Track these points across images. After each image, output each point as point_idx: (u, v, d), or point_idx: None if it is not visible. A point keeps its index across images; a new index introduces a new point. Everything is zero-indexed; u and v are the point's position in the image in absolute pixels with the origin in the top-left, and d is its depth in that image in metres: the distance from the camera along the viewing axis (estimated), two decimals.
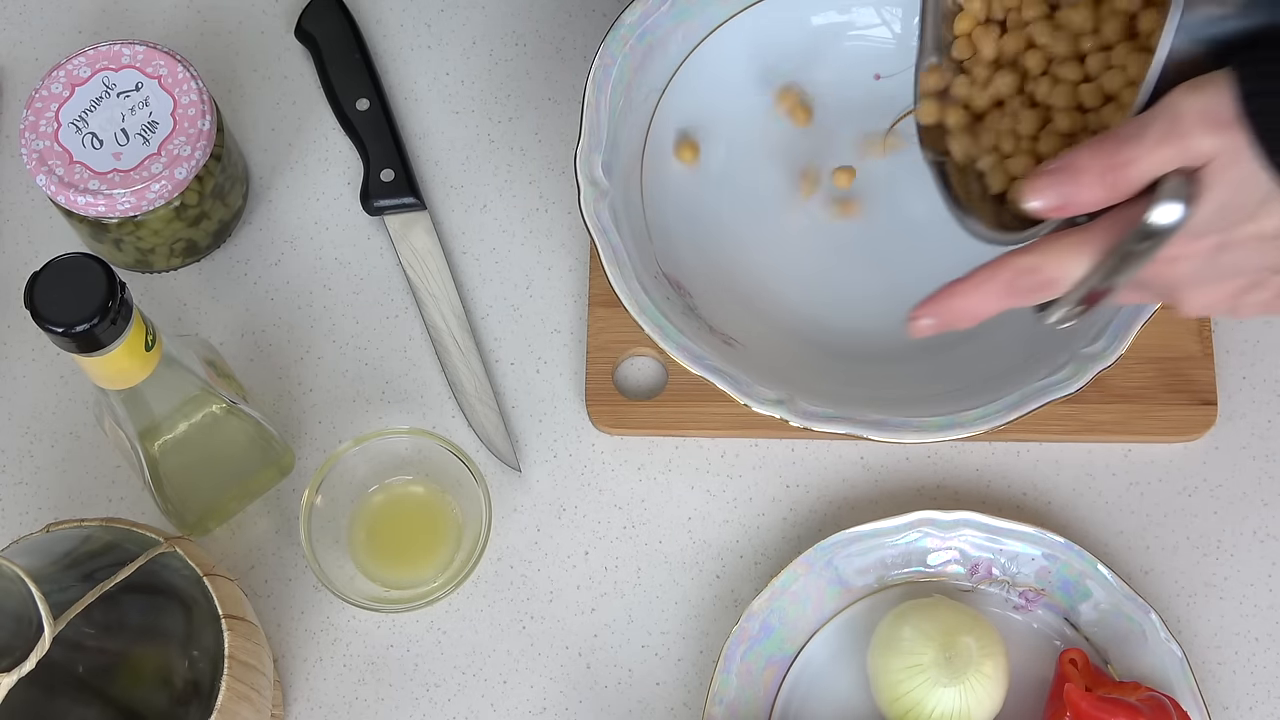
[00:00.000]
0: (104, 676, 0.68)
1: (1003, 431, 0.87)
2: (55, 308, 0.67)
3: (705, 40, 0.89)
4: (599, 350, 0.90)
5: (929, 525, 0.85)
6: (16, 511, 0.88)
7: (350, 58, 0.96)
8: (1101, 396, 0.88)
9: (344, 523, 0.86)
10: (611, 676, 0.86)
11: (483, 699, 0.85)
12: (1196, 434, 0.88)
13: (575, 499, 0.89)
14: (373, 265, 0.93)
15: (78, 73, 0.87)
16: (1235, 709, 0.85)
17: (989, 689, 0.80)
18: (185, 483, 0.82)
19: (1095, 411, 0.88)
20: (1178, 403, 0.88)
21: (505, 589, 0.87)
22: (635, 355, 0.90)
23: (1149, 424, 0.88)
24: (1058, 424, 0.88)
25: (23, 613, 0.64)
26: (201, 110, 0.86)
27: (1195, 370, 0.88)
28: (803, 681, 0.84)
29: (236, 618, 0.74)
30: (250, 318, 0.92)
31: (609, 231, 0.83)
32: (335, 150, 0.95)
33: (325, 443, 0.90)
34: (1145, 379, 0.88)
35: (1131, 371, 0.88)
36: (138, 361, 0.72)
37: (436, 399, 0.90)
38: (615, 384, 0.90)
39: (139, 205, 0.86)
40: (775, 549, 0.87)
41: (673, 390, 0.89)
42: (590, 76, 0.85)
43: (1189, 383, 0.88)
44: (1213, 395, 0.88)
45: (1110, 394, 0.88)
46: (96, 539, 0.73)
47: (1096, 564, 0.84)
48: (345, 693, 0.86)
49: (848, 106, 0.91)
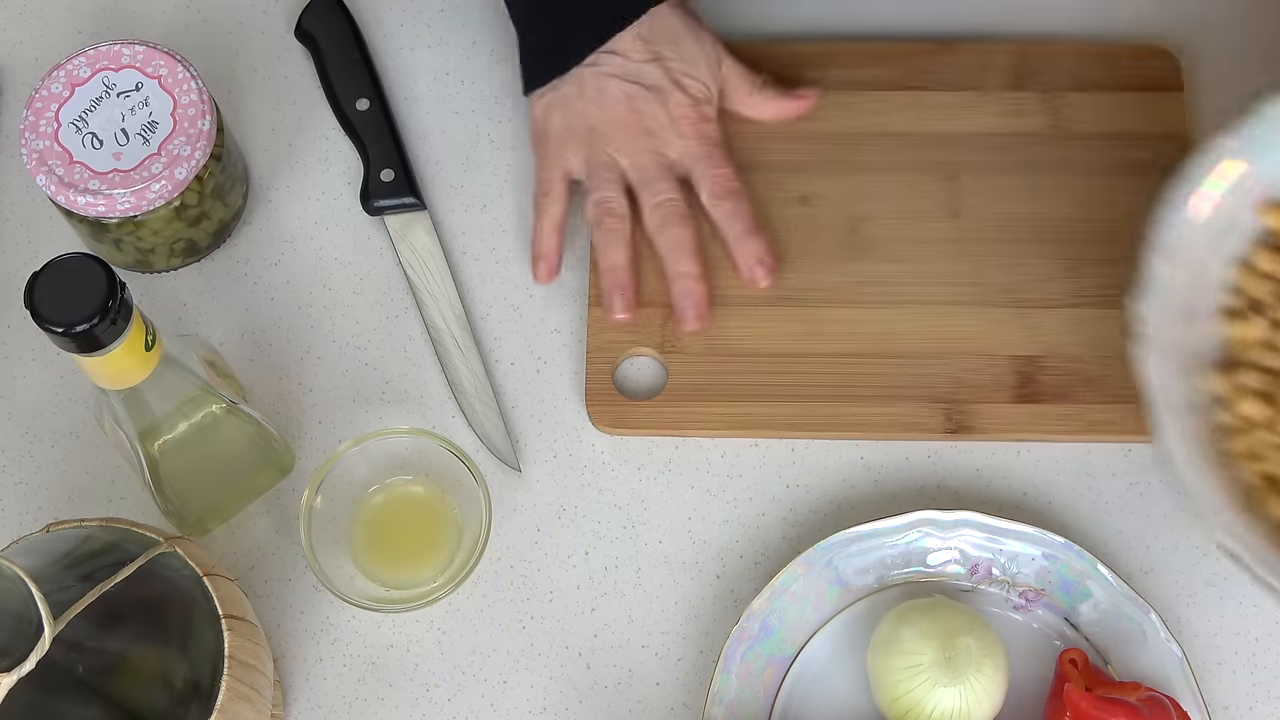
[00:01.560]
0: (104, 676, 0.68)
1: (1003, 431, 0.88)
2: (55, 308, 0.67)
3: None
4: (599, 350, 0.90)
5: (929, 525, 0.85)
6: (16, 511, 0.88)
7: (350, 58, 0.96)
8: (1101, 397, 0.88)
9: (344, 523, 0.86)
10: (611, 676, 0.86)
11: (483, 699, 0.85)
12: None
13: (575, 499, 0.89)
14: (373, 265, 0.93)
15: (78, 73, 0.87)
16: (1235, 709, 0.85)
17: (989, 689, 0.80)
18: (185, 483, 0.82)
19: (1095, 411, 0.88)
20: None
21: (505, 589, 0.87)
22: (635, 355, 0.90)
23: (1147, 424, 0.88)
24: (1057, 424, 0.88)
25: (23, 613, 0.64)
26: (201, 110, 0.86)
27: None
28: (803, 681, 0.84)
29: (236, 618, 0.74)
30: (250, 318, 0.92)
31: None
32: (335, 150, 0.95)
33: (325, 443, 0.90)
34: None
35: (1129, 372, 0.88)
36: (138, 361, 0.72)
37: (436, 399, 0.90)
38: (615, 384, 0.90)
39: (139, 205, 0.86)
40: (775, 549, 0.87)
41: (673, 390, 0.89)
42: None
43: None
44: None
45: (1109, 394, 0.88)
46: (96, 539, 0.73)
47: (1096, 564, 0.84)
48: (345, 693, 0.86)
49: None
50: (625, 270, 0.90)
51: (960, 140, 0.93)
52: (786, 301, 0.91)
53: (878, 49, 0.95)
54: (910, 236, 0.92)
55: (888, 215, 0.92)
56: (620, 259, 0.90)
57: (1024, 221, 0.92)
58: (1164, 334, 0.80)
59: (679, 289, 0.89)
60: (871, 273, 0.91)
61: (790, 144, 0.93)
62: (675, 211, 0.90)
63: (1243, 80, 0.95)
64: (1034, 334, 0.89)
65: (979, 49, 0.95)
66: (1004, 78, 0.95)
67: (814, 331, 0.90)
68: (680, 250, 0.89)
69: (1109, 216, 0.91)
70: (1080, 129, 0.93)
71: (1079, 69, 0.94)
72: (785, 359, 0.89)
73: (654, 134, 0.90)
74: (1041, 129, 0.94)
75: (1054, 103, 0.94)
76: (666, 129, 0.90)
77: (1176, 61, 0.95)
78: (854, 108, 0.94)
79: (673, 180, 0.90)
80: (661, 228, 0.90)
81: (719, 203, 0.90)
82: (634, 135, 0.90)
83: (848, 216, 0.92)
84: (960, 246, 0.91)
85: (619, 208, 0.90)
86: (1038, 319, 0.90)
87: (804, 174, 0.93)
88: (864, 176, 0.93)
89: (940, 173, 0.93)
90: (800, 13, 0.97)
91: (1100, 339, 0.89)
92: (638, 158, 0.90)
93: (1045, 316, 0.90)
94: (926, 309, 0.90)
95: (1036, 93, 0.94)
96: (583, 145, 0.91)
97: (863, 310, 0.90)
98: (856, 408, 0.88)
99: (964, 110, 0.94)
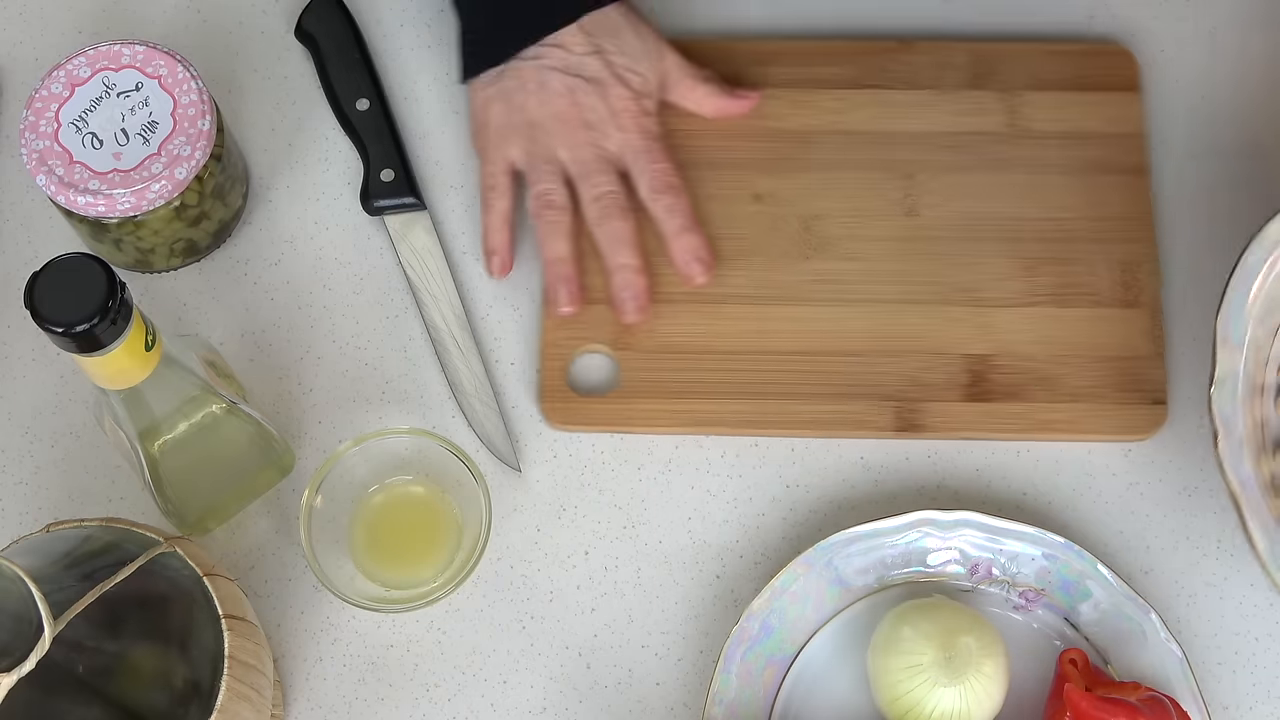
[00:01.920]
0: (104, 676, 0.68)
1: (953, 430, 0.88)
2: (55, 308, 0.67)
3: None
4: (552, 347, 0.90)
5: (929, 525, 0.85)
6: (16, 511, 0.88)
7: (350, 58, 0.96)
8: (1052, 396, 0.88)
9: (344, 523, 0.86)
10: (611, 676, 0.86)
11: (483, 699, 0.85)
12: (1147, 433, 0.88)
13: (575, 499, 0.89)
14: (373, 265, 0.93)
15: (78, 73, 0.87)
16: (1235, 709, 0.85)
17: (989, 689, 0.80)
18: (185, 483, 0.82)
19: (1045, 411, 0.88)
20: (1129, 402, 0.88)
21: (505, 589, 0.87)
22: (588, 352, 0.90)
23: (1100, 423, 0.88)
24: (1008, 423, 0.88)
25: (23, 613, 0.64)
26: (201, 110, 0.86)
27: (1147, 370, 0.89)
28: (803, 681, 0.84)
29: (236, 618, 0.74)
30: (250, 318, 0.92)
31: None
32: (335, 150, 0.95)
33: (325, 443, 0.90)
34: (1096, 378, 0.88)
35: (1082, 371, 0.88)
36: (138, 361, 0.72)
37: (436, 399, 0.90)
38: (569, 381, 0.89)
39: (139, 205, 0.86)
40: (775, 549, 0.87)
41: (625, 387, 0.89)
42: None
43: (1140, 382, 0.88)
44: (1163, 395, 0.88)
45: (1061, 394, 0.88)
46: (96, 539, 0.73)
47: (1096, 564, 0.84)
48: (345, 693, 0.86)
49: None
50: (568, 263, 0.90)
51: (918, 139, 0.93)
52: (740, 299, 0.91)
53: (835, 47, 0.96)
54: (865, 235, 0.92)
55: (843, 213, 0.92)
56: (562, 251, 0.90)
57: (980, 220, 0.92)
58: (1236, 427, 0.81)
59: (618, 281, 0.89)
60: (825, 270, 0.91)
61: (746, 141, 0.93)
62: (614, 204, 0.90)
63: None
64: (987, 332, 0.90)
65: (937, 48, 0.95)
66: (962, 77, 0.95)
67: (766, 329, 0.90)
68: (619, 243, 0.89)
69: (1066, 216, 0.92)
70: (1038, 128, 0.94)
71: (1037, 68, 0.94)
72: (738, 356, 0.89)
73: (594, 127, 0.90)
74: (999, 128, 0.94)
75: (1012, 101, 0.94)
76: (607, 122, 0.90)
77: (1134, 61, 0.95)
78: (811, 106, 0.94)
79: (612, 173, 0.90)
80: (600, 220, 0.90)
81: (657, 197, 0.90)
82: (574, 128, 0.90)
83: (802, 214, 0.92)
84: (916, 245, 0.91)
85: (559, 200, 0.90)
86: (992, 318, 0.90)
87: (759, 172, 0.93)
88: (820, 174, 0.93)
89: (897, 171, 0.93)
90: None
91: (1053, 338, 0.90)
92: (577, 151, 0.90)
93: (999, 315, 0.90)
94: (880, 307, 0.90)
95: (994, 92, 0.94)
96: (523, 138, 0.91)
97: (816, 308, 0.90)
98: (808, 405, 0.88)
99: (922, 109, 0.94)
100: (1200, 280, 0.91)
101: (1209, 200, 0.93)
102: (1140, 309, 0.90)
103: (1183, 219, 0.93)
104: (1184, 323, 0.91)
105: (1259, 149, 0.94)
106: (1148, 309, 0.90)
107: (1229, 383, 0.81)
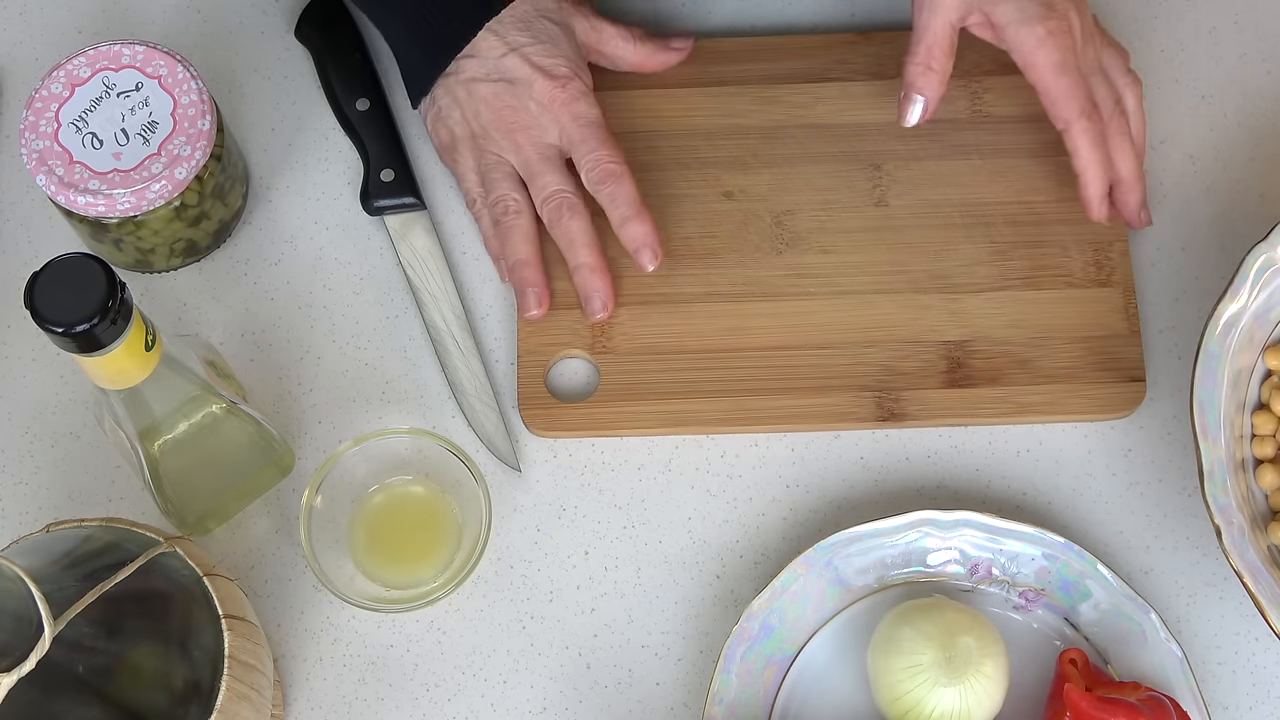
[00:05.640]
0: (104, 676, 0.68)
1: (935, 417, 0.88)
2: (55, 308, 0.67)
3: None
4: (530, 354, 0.90)
5: (929, 525, 0.85)
6: (16, 511, 0.88)
7: (350, 58, 0.96)
8: (1030, 378, 0.88)
9: (344, 523, 0.86)
10: (611, 676, 0.86)
11: (483, 699, 0.85)
12: (1127, 410, 0.88)
13: (575, 499, 0.89)
14: (373, 265, 0.93)
15: (78, 73, 0.87)
16: (1235, 709, 0.85)
17: (989, 689, 0.80)
18: (185, 483, 0.82)
19: (1025, 393, 0.88)
20: (1107, 380, 0.88)
21: (505, 589, 0.87)
22: (566, 358, 0.90)
23: (1080, 403, 0.88)
24: (989, 407, 0.88)
25: (23, 613, 0.64)
26: (201, 110, 0.86)
27: (1123, 348, 0.89)
28: (803, 681, 0.84)
29: (236, 618, 0.74)
30: (250, 318, 0.92)
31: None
32: (335, 150, 0.95)
33: (325, 443, 0.90)
34: (1073, 359, 0.89)
35: (1059, 352, 0.89)
36: (138, 361, 0.72)
37: (436, 399, 0.90)
38: (547, 387, 0.89)
39: (139, 205, 0.86)
40: (775, 549, 0.87)
41: (605, 391, 0.89)
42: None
43: (1117, 360, 0.89)
44: (1141, 372, 0.89)
45: (1039, 375, 0.88)
46: (96, 539, 0.73)
47: (1096, 564, 0.84)
48: (345, 693, 0.86)
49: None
50: (531, 266, 0.90)
51: (883, 129, 0.94)
52: (715, 297, 0.91)
53: (796, 42, 0.96)
54: (836, 227, 0.92)
55: (813, 207, 0.92)
56: (523, 254, 0.90)
57: (950, 207, 0.92)
58: (1235, 517, 0.81)
59: (579, 281, 0.89)
60: (799, 264, 0.91)
61: (713, 140, 0.94)
62: (564, 204, 0.89)
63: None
64: (962, 318, 0.90)
65: (898, 38, 0.95)
66: None
67: (743, 326, 0.90)
68: (574, 243, 0.89)
69: (1035, 199, 0.92)
70: (1000, 112, 0.94)
71: (997, 53, 0.94)
72: (715, 354, 0.90)
73: (529, 126, 0.90)
74: (962, 114, 0.94)
75: (973, 87, 0.94)
76: (540, 117, 0.90)
77: None
78: (776, 101, 0.94)
79: (559, 169, 0.90)
80: (554, 222, 0.89)
81: (599, 188, 0.89)
82: (511, 131, 0.90)
83: (773, 210, 0.92)
84: (887, 235, 0.92)
85: (514, 204, 0.90)
86: (966, 303, 0.90)
87: (728, 169, 0.93)
88: (788, 169, 0.93)
89: (864, 162, 0.93)
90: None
91: (1029, 320, 0.90)
92: (521, 153, 0.90)
93: (973, 301, 0.90)
94: (854, 298, 0.90)
95: (956, 79, 0.93)
96: (470, 151, 0.91)
97: (791, 302, 0.90)
98: (787, 400, 0.89)
99: (885, 99, 0.94)
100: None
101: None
102: (1113, 288, 0.90)
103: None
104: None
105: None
106: (1120, 288, 0.90)
107: (1217, 473, 0.81)
